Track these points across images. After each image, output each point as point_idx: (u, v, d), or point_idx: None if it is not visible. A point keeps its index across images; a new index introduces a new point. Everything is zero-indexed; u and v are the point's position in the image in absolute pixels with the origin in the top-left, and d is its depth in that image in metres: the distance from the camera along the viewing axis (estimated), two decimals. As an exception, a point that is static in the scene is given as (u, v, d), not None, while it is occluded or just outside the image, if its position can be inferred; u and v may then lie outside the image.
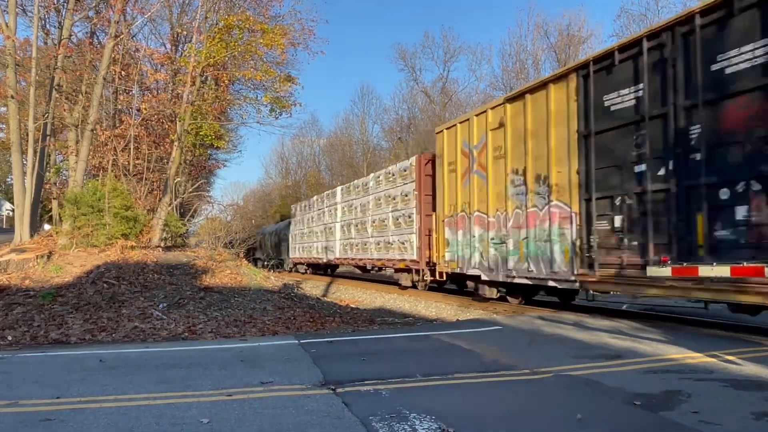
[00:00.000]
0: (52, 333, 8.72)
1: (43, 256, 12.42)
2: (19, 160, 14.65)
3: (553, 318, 9.98)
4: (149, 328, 9.21)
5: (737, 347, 6.76)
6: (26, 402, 4.71)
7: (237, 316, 10.27)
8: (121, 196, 14.67)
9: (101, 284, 11.28)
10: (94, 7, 17.53)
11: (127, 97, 21.12)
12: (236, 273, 13.67)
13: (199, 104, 18.25)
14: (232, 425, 4.01)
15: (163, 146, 21.52)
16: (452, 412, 4.27)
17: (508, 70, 43.83)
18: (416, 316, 13.67)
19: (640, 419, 4.13)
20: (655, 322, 9.10)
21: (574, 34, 40.28)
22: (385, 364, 6.33)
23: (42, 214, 22.96)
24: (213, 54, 17.42)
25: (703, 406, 4.32)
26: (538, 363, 6.03)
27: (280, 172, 67.66)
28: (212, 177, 39.78)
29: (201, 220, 45.61)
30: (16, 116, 14.62)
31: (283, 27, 18.80)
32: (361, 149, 55.74)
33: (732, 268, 7.42)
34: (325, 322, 10.62)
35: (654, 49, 8.48)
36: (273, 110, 20.05)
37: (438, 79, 49.54)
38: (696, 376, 5.37)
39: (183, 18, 24.70)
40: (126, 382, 5.36)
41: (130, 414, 4.30)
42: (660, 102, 8.37)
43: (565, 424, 4.05)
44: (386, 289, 19.10)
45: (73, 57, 17.56)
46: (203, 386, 5.18)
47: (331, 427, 3.95)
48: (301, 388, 5.06)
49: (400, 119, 51.29)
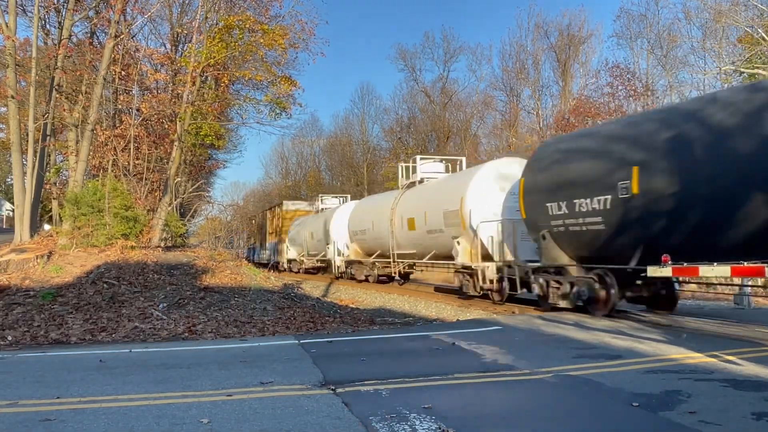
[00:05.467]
0: (52, 333, 8.72)
1: (43, 256, 12.42)
2: (19, 160, 14.65)
3: (553, 318, 9.98)
4: (149, 328, 9.20)
5: (737, 347, 6.76)
6: (26, 402, 4.70)
7: (237, 316, 10.27)
8: (121, 196, 14.67)
9: (101, 284, 11.28)
10: (94, 7, 17.51)
11: (127, 97, 21.10)
12: (236, 273, 13.66)
13: (199, 104, 18.25)
14: (232, 425, 4.01)
15: (163, 146, 21.51)
16: (452, 412, 4.27)
17: (508, 70, 43.89)
18: (416, 316, 13.66)
19: (640, 419, 4.13)
20: (655, 322, 9.10)
21: (574, 34, 40.31)
22: (385, 364, 6.33)
23: (42, 214, 22.97)
24: (213, 54, 17.41)
25: (703, 407, 4.31)
26: (538, 363, 6.02)
27: (280, 172, 67.72)
28: (212, 177, 39.86)
29: (201, 220, 45.67)
30: (16, 116, 14.62)
31: (284, 27, 18.79)
32: (361, 149, 55.74)
33: (732, 268, 7.43)
34: (325, 322, 10.62)
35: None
36: (273, 111, 20.06)
37: (438, 79, 49.55)
38: (696, 376, 5.36)
39: (183, 18, 24.74)
40: (126, 382, 5.35)
41: (130, 414, 4.30)
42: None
43: (565, 424, 4.05)
44: (386, 289, 19.11)
45: (73, 57, 17.55)
46: (203, 386, 5.17)
47: (331, 427, 3.95)
48: (301, 388, 5.06)
49: (400, 119, 51.31)
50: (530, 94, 42.88)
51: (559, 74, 40.65)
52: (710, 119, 7.94)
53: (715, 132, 7.77)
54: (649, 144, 8.66)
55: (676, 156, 8.19)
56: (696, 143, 7.93)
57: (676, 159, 8.17)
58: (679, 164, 8.12)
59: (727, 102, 7.90)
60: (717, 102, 8.16)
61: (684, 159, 8.07)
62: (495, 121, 44.97)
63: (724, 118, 7.73)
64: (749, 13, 23.35)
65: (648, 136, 8.78)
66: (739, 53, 24.05)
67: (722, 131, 7.68)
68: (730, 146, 7.53)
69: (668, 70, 32.21)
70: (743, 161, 7.34)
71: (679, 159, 8.15)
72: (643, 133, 8.95)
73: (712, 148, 7.73)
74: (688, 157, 8.01)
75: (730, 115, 7.66)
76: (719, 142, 7.66)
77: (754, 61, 21.43)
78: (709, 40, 28.00)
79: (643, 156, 8.61)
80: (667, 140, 8.40)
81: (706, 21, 27.19)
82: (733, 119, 7.60)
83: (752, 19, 22.84)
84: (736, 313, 10.82)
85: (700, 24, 29.01)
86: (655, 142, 8.57)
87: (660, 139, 8.51)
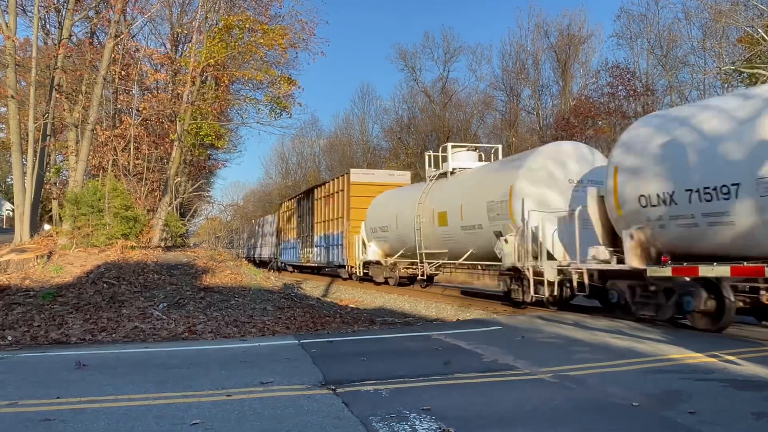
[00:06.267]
0: (52, 333, 8.71)
1: (43, 256, 12.41)
2: (19, 160, 14.65)
3: (553, 318, 9.98)
4: (149, 328, 9.20)
5: (737, 347, 6.76)
6: (26, 402, 4.70)
7: (237, 316, 10.27)
8: (121, 196, 14.67)
9: (101, 284, 11.28)
10: (94, 7, 17.52)
11: (127, 97, 21.10)
12: (236, 273, 13.66)
13: (199, 104, 18.23)
14: (232, 425, 4.02)
15: (163, 146, 21.50)
16: (452, 412, 4.27)
17: (508, 70, 43.86)
18: (416, 316, 13.66)
19: (640, 419, 4.13)
20: (655, 323, 9.10)
21: (574, 34, 40.27)
22: (385, 364, 6.33)
23: (42, 214, 22.98)
24: (213, 54, 17.40)
25: (703, 407, 4.31)
26: (537, 363, 6.02)
27: (280, 172, 67.69)
28: (212, 177, 39.84)
29: (201, 220, 45.66)
30: (16, 116, 14.62)
31: (284, 27, 18.79)
32: (361, 149, 55.67)
33: (732, 267, 7.43)
34: (325, 322, 10.62)
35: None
36: (273, 111, 20.05)
37: (438, 79, 49.46)
38: (696, 376, 5.36)
39: (183, 18, 24.73)
40: (126, 382, 5.35)
41: (130, 414, 4.30)
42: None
43: (565, 424, 4.05)
44: (386, 289, 19.10)
45: (73, 57, 17.55)
46: (203, 386, 5.17)
47: (331, 427, 3.95)
48: (301, 388, 5.06)
49: (400, 119, 51.25)
50: (530, 94, 42.93)
51: (559, 74, 40.66)
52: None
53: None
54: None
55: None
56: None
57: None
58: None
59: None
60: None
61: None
62: (495, 121, 44.99)
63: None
64: (749, 13, 23.35)
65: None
66: (739, 53, 24.06)
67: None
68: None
69: (668, 70, 32.23)
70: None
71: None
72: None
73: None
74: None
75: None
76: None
77: (754, 60, 21.43)
78: (709, 40, 28.05)
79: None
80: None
81: (706, 21, 27.24)
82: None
83: (752, 19, 22.83)
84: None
85: (700, 24, 29.07)
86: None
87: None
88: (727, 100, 8.81)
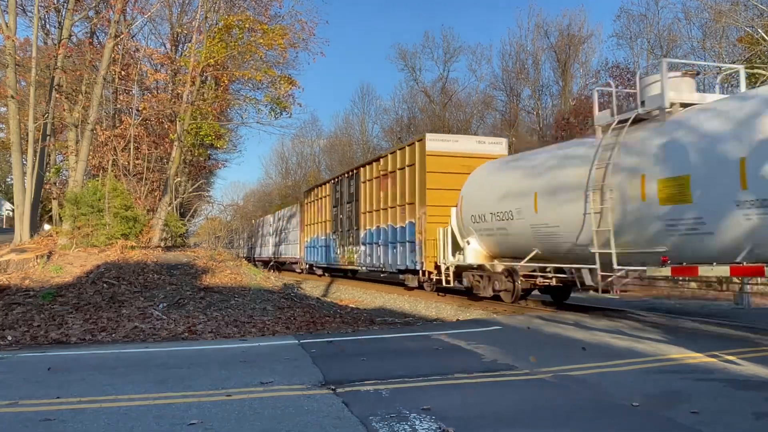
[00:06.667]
0: (52, 333, 8.71)
1: (43, 256, 12.41)
2: (19, 160, 14.65)
3: (553, 318, 9.98)
4: (149, 328, 9.20)
5: (737, 347, 6.76)
6: (26, 402, 4.70)
7: (237, 316, 10.27)
8: (121, 196, 14.67)
9: (101, 284, 11.28)
10: (94, 7, 17.52)
11: (127, 97, 21.12)
12: (236, 273, 13.65)
13: (198, 104, 18.24)
14: (232, 425, 4.02)
15: (163, 146, 21.52)
16: (452, 412, 4.27)
17: (508, 70, 43.87)
18: (416, 316, 13.65)
19: (641, 419, 4.13)
20: (655, 322, 9.10)
21: (574, 34, 40.28)
22: (385, 364, 6.33)
23: (42, 214, 22.98)
24: (213, 54, 17.41)
25: (703, 407, 4.31)
26: (537, 363, 6.03)
27: (280, 172, 67.63)
28: (212, 177, 39.79)
29: (201, 220, 45.63)
30: (16, 116, 14.62)
31: (283, 27, 18.79)
32: (361, 149, 55.63)
33: (731, 267, 7.43)
34: (325, 322, 10.62)
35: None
36: (273, 110, 20.04)
37: (438, 79, 49.44)
38: (696, 376, 5.37)
39: (183, 18, 24.72)
40: (126, 382, 5.35)
41: (130, 414, 4.30)
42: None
43: (565, 424, 4.05)
44: (386, 289, 19.10)
45: (73, 57, 17.56)
46: (203, 386, 5.17)
47: (331, 427, 3.95)
48: (301, 388, 5.06)
49: (400, 119, 51.26)
50: (530, 94, 42.96)
51: (559, 74, 40.68)
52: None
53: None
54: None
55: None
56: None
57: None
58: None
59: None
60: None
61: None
62: (495, 121, 44.97)
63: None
64: (749, 13, 23.36)
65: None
66: (739, 53, 24.05)
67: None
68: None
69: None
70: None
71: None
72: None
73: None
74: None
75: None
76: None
77: (754, 60, 21.42)
78: (709, 40, 28.05)
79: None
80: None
81: (706, 21, 27.24)
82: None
83: (752, 19, 22.85)
84: (736, 313, 10.83)
85: (700, 24, 29.08)
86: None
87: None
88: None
